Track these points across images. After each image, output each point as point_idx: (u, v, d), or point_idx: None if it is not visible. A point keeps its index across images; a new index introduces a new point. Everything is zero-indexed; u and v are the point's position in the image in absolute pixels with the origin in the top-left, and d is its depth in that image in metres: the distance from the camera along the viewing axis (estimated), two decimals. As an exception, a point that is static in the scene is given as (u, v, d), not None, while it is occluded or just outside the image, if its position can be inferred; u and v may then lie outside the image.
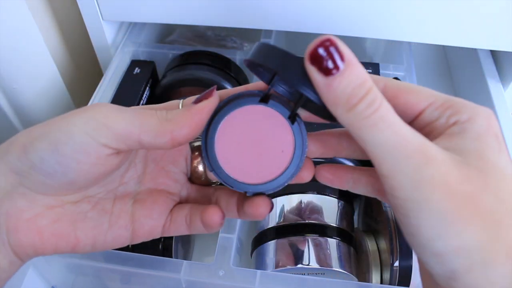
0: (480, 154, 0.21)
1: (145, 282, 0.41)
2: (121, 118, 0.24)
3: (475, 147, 0.21)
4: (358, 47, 0.69)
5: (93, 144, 0.23)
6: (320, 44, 0.19)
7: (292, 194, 0.43)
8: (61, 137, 0.23)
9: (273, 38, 0.59)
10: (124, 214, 0.27)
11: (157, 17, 0.54)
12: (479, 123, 0.21)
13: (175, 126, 0.24)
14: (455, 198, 0.19)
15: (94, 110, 0.24)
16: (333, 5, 0.49)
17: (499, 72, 0.58)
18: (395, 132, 0.19)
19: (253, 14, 0.52)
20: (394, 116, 0.20)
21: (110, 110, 0.24)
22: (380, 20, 0.50)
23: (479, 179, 0.20)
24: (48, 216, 0.25)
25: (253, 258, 0.44)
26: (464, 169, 0.20)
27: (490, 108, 0.22)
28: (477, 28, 0.49)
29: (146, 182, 0.29)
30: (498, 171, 0.20)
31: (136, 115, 0.24)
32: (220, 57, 0.55)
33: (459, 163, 0.20)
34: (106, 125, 0.23)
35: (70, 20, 0.59)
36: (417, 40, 0.52)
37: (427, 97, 0.23)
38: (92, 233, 0.26)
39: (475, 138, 0.21)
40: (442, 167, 0.20)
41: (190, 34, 0.69)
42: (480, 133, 0.21)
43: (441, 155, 0.20)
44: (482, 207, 0.19)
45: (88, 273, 0.44)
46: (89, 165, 0.24)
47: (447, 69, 0.74)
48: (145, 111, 0.25)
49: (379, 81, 0.23)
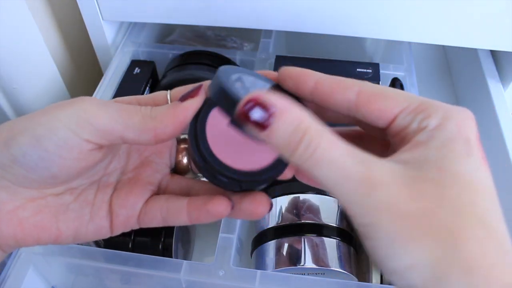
0: (440, 165, 0.20)
1: (145, 282, 0.41)
2: (104, 114, 0.24)
3: (437, 157, 0.20)
4: (358, 47, 0.69)
5: (75, 140, 0.23)
6: (245, 105, 0.21)
7: (292, 194, 0.43)
8: (44, 132, 0.23)
9: (273, 38, 0.59)
10: (104, 205, 0.27)
11: (157, 17, 0.54)
12: (448, 129, 0.21)
13: (159, 124, 0.24)
14: (403, 219, 0.19)
15: (78, 105, 0.24)
16: (333, 5, 0.49)
17: (499, 72, 0.58)
18: (337, 168, 0.20)
19: (253, 14, 0.52)
20: (334, 151, 0.20)
21: (94, 106, 0.24)
22: (380, 20, 0.50)
23: (434, 194, 0.20)
24: (29, 208, 0.25)
25: (253, 258, 0.44)
26: (417, 185, 0.20)
27: (490, 108, 0.22)
28: (477, 28, 0.49)
29: (129, 172, 0.29)
30: (460, 181, 0.20)
31: (119, 112, 0.24)
32: (220, 57, 0.55)
33: (413, 179, 0.20)
34: (89, 121, 0.23)
35: (70, 20, 0.59)
36: (417, 40, 0.52)
37: (400, 102, 0.22)
38: (73, 224, 0.26)
39: (440, 147, 0.21)
40: (389, 190, 0.20)
41: (190, 34, 0.69)
42: (447, 140, 0.21)
43: (389, 177, 0.20)
44: (435, 223, 0.19)
45: (88, 273, 0.44)
46: (71, 160, 0.24)
47: (447, 69, 0.74)
48: (129, 108, 0.24)
49: (353, 87, 0.23)
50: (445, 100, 0.73)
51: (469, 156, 0.20)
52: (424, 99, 0.22)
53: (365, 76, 0.49)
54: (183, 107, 0.24)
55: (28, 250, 0.42)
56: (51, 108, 0.24)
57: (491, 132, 0.53)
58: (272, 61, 0.54)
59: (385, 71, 0.54)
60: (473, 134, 0.21)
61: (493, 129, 0.53)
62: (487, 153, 0.23)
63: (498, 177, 0.57)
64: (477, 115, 0.22)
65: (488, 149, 0.54)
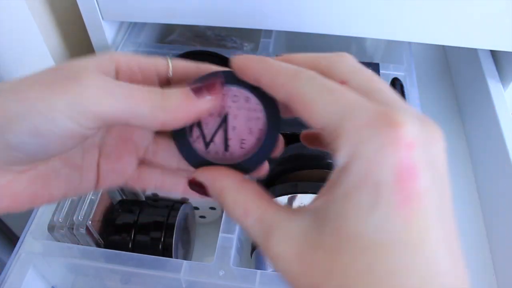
0: (338, 225, 0.18)
1: (145, 282, 0.41)
2: (109, 102, 0.22)
3: (337, 213, 0.18)
4: (358, 47, 0.69)
5: (78, 129, 0.22)
6: (189, 184, 0.24)
7: (292, 194, 0.43)
8: (43, 123, 0.21)
9: (273, 38, 0.59)
10: (92, 168, 0.27)
11: (157, 17, 0.54)
12: (354, 172, 0.17)
13: (169, 118, 0.22)
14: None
15: (78, 89, 0.21)
16: (333, 5, 0.49)
17: (499, 72, 0.58)
18: (249, 235, 0.21)
19: (253, 14, 0.52)
20: (245, 220, 0.21)
21: (96, 90, 0.22)
22: (380, 20, 0.50)
23: (324, 264, 0.18)
24: (22, 181, 0.24)
25: (253, 258, 0.44)
26: (310, 255, 0.18)
27: (490, 108, 0.21)
28: (477, 28, 0.49)
29: (113, 132, 0.27)
30: (356, 245, 0.17)
31: (127, 99, 0.22)
32: (220, 57, 0.55)
33: (308, 246, 0.18)
34: (92, 112, 0.21)
35: (70, 20, 0.59)
36: (417, 40, 0.52)
37: (319, 120, 0.19)
38: (65, 188, 0.26)
39: (341, 198, 0.18)
40: (282, 264, 0.19)
41: (190, 34, 0.69)
42: (350, 189, 0.17)
43: (283, 249, 0.19)
44: None
45: (88, 273, 0.44)
46: (71, 144, 0.23)
47: (447, 69, 0.73)
48: (137, 93, 0.22)
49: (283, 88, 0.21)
50: (445, 100, 0.73)
51: (373, 209, 0.17)
52: (346, 119, 0.18)
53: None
54: (198, 105, 0.23)
55: (28, 250, 0.42)
56: (46, 87, 0.22)
57: (491, 132, 0.53)
58: (272, 61, 0.54)
59: (385, 71, 0.53)
60: (391, 173, 0.17)
61: (493, 129, 0.53)
62: (487, 153, 0.22)
63: (498, 177, 0.57)
64: (477, 115, 0.22)
65: (488, 149, 0.54)
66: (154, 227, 0.44)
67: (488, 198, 0.54)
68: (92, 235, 0.43)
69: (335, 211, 0.18)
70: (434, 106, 0.67)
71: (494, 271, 0.50)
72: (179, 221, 0.45)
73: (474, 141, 0.60)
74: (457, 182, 0.57)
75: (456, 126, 0.64)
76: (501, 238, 0.50)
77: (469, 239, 0.53)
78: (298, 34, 0.53)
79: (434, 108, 0.66)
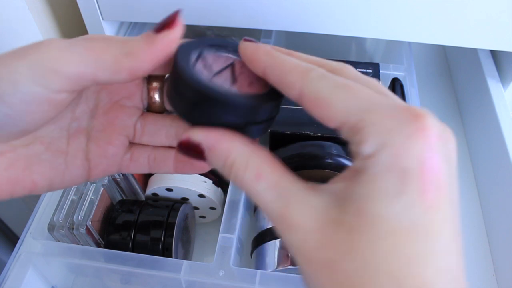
0: (360, 207, 0.18)
1: (145, 282, 0.41)
2: (71, 58, 0.21)
3: (361, 195, 0.18)
4: (358, 47, 0.69)
5: (44, 93, 0.21)
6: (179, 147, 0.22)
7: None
8: (5, 88, 0.20)
9: (273, 38, 0.59)
10: (80, 154, 0.26)
11: (157, 17, 0.54)
12: (381, 160, 0.18)
13: (134, 62, 0.21)
14: (311, 265, 0.18)
15: (40, 51, 0.21)
16: (333, 5, 0.49)
17: (499, 72, 0.58)
18: (259, 202, 0.20)
19: (253, 14, 0.52)
20: (257, 184, 0.20)
21: (58, 49, 0.21)
22: (380, 20, 0.50)
23: (344, 242, 0.18)
24: (0, 164, 0.23)
25: (253, 258, 0.44)
26: (330, 230, 0.18)
27: (490, 108, 0.21)
28: (477, 28, 0.49)
29: (99, 116, 0.27)
30: (379, 226, 0.17)
31: (88, 52, 0.21)
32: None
33: (329, 222, 0.18)
34: (55, 70, 0.21)
35: (70, 20, 0.59)
36: (417, 40, 0.52)
37: (339, 114, 0.19)
38: (49, 174, 0.25)
39: (367, 182, 0.18)
40: (300, 234, 0.19)
41: (190, 34, 0.68)
42: (376, 174, 0.18)
43: (305, 217, 0.19)
44: (339, 274, 0.18)
45: (88, 273, 0.44)
46: (41, 113, 0.22)
47: (447, 69, 0.74)
48: (98, 45, 0.21)
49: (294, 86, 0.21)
50: (445, 100, 0.73)
51: (399, 194, 0.17)
52: (363, 113, 0.19)
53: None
54: (160, 40, 0.22)
55: (28, 250, 0.42)
56: (8, 55, 0.21)
57: (491, 132, 0.53)
58: (272, 61, 0.54)
59: (385, 71, 0.53)
60: (417, 162, 0.17)
61: (493, 129, 0.53)
62: (487, 153, 0.22)
63: (498, 177, 0.57)
64: (477, 115, 0.22)
65: (488, 149, 0.54)
66: (154, 227, 0.44)
67: (488, 198, 0.54)
68: (92, 235, 0.43)
69: (360, 193, 0.18)
70: (434, 106, 0.67)
71: (494, 271, 0.50)
72: (179, 221, 0.45)
73: (474, 141, 0.60)
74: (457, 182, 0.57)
75: (456, 126, 0.64)
76: (501, 238, 0.50)
77: (469, 239, 0.53)
78: (298, 34, 0.53)
79: (434, 108, 0.66)
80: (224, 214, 0.42)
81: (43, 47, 0.21)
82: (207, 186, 0.48)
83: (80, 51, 0.21)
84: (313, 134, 0.45)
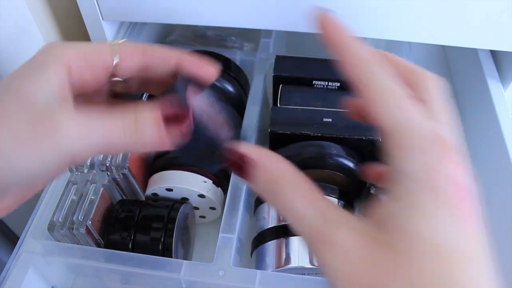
0: (399, 224, 0.18)
1: (145, 282, 0.41)
2: (87, 147, 0.22)
3: (398, 211, 0.18)
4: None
5: (61, 170, 0.23)
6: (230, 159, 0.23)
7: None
8: (30, 172, 0.22)
9: (273, 38, 0.59)
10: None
11: (157, 17, 0.54)
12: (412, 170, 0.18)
13: (140, 144, 0.23)
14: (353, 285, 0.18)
15: (58, 134, 0.22)
16: (333, 5, 0.49)
17: (499, 72, 0.58)
18: (296, 217, 0.20)
19: (253, 14, 0.52)
20: (297, 201, 0.20)
21: (73, 134, 0.22)
22: (380, 20, 0.50)
23: (388, 262, 0.18)
24: None
25: (253, 258, 0.44)
26: (374, 251, 0.18)
27: (490, 108, 0.21)
28: (477, 28, 0.49)
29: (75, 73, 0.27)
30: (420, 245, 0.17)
31: (102, 137, 0.23)
32: (220, 57, 0.55)
33: (371, 243, 0.18)
34: (72, 156, 0.22)
35: (70, 20, 0.59)
36: (417, 40, 0.52)
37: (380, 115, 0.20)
38: None
39: (402, 197, 0.18)
40: (341, 254, 0.19)
41: (190, 34, 0.69)
42: (410, 188, 0.18)
43: (345, 238, 0.19)
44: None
45: (88, 273, 0.44)
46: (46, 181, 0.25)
47: (447, 69, 0.74)
48: (111, 129, 0.23)
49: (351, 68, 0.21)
50: (445, 100, 0.71)
51: (436, 210, 0.18)
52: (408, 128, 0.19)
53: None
54: (169, 136, 0.24)
55: (28, 250, 0.42)
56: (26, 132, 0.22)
57: (491, 132, 0.53)
58: (272, 61, 0.54)
59: (385, 71, 0.53)
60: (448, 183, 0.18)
61: (493, 129, 0.53)
62: (487, 153, 0.22)
63: (498, 177, 0.57)
64: (477, 115, 0.22)
65: (488, 149, 0.54)
66: (154, 227, 0.44)
67: (488, 198, 0.54)
68: (92, 235, 0.43)
69: (396, 210, 0.18)
70: (434, 106, 0.67)
71: (494, 271, 0.50)
72: (179, 221, 0.45)
73: (474, 141, 0.60)
74: (457, 182, 0.57)
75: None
76: (501, 238, 0.50)
77: (469, 239, 0.53)
78: (298, 34, 0.53)
79: (434, 108, 0.66)
80: (224, 214, 0.42)
81: (57, 136, 0.22)
82: (207, 186, 0.48)
83: (94, 137, 0.22)
84: (313, 134, 0.45)
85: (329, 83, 0.50)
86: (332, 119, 0.46)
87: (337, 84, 0.50)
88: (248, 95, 0.52)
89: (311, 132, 0.45)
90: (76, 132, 0.22)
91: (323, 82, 0.50)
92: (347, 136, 0.45)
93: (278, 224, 0.42)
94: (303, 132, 0.45)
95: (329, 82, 0.50)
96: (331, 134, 0.45)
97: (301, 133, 0.45)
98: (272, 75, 0.51)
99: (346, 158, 0.44)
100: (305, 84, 0.50)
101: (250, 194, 0.47)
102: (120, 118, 0.23)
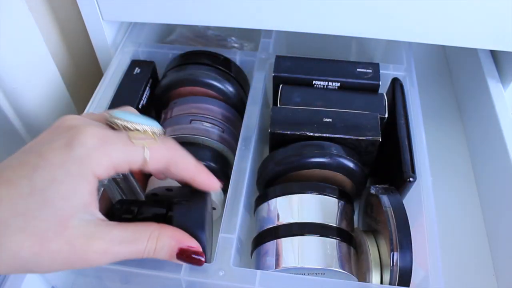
0: None
1: (145, 282, 0.41)
2: (102, 260, 0.28)
3: None
4: (358, 47, 0.69)
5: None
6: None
7: (292, 194, 0.43)
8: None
9: (273, 38, 0.59)
10: None
11: (157, 17, 0.54)
12: None
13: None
14: None
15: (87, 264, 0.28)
16: (333, 5, 0.49)
17: (499, 72, 0.58)
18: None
19: (253, 14, 0.52)
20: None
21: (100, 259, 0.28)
22: (380, 20, 0.50)
23: None
24: None
25: (253, 258, 0.44)
26: None
27: (490, 108, 0.21)
28: (477, 28, 0.49)
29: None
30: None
31: (121, 255, 0.29)
32: (220, 57, 0.55)
33: None
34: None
35: (70, 20, 0.59)
36: (417, 40, 0.52)
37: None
38: None
39: None
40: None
41: (190, 34, 0.69)
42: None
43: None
44: None
45: (88, 273, 0.44)
46: None
47: (447, 69, 0.74)
48: (132, 250, 0.30)
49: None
50: (445, 100, 0.73)
51: None
52: None
53: (365, 76, 0.49)
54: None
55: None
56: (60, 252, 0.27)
57: (491, 132, 0.53)
58: (272, 61, 0.54)
59: (385, 71, 0.53)
60: None
61: (493, 129, 0.53)
62: (487, 153, 0.22)
63: (498, 177, 0.57)
64: (477, 115, 0.22)
65: (488, 149, 0.54)
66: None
67: (488, 198, 0.54)
68: (92, 235, 0.43)
69: None
70: (434, 106, 0.67)
71: (494, 271, 0.50)
72: (179, 221, 0.45)
73: (474, 141, 0.60)
74: (457, 182, 0.57)
75: (456, 126, 0.64)
76: (501, 238, 0.50)
77: (469, 239, 0.53)
78: (298, 34, 0.53)
79: (434, 108, 0.66)
80: (224, 214, 0.42)
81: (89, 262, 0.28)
82: (207, 186, 0.48)
83: (118, 259, 0.29)
84: (313, 134, 0.45)
85: (329, 83, 0.50)
86: (332, 119, 0.46)
87: (337, 84, 0.50)
88: (248, 95, 0.52)
89: (311, 132, 0.45)
90: (102, 260, 0.28)
91: (323, 82, 0.50)
92: (347, 136, 0.45)
93: (278, 224, 0.42)
94: (303, 132, 0.45)
95: (329, 82, 0.50)
96: (331, 134, 0.45)
97: (301, 133, 0.45)
98: (272, 75, 0.51)
99: (346, 158, 0.44)
100: (305, 84, 0.50)
101: (250, 194, 0.47)
102: (142, 244, 0.29)
